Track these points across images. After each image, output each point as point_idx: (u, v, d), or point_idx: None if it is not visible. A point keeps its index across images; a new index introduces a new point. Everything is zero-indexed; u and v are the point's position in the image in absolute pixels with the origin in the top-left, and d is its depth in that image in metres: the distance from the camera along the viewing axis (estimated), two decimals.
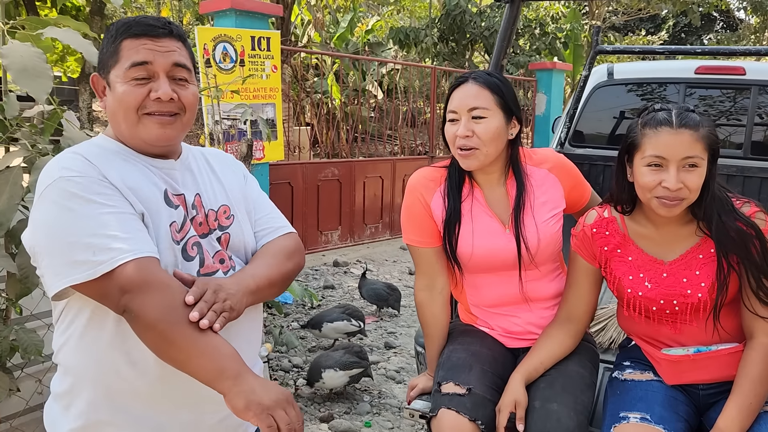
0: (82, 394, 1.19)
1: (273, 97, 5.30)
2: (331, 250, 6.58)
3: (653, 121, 1.48)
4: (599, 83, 3.95)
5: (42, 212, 1.11)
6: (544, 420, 1.53)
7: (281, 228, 1.42)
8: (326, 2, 12.53)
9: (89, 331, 1.17)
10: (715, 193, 1.50)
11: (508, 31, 2.16)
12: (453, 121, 1.69)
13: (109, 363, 1.17)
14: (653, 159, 1.46)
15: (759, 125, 3.65)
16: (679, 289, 1.53)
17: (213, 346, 1.09)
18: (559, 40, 12.64)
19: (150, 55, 1.18)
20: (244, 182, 1.43)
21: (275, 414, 1.05)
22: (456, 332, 1.87)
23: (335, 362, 3.12)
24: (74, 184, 1.10)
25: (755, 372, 1.47)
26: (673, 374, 1.59)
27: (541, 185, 1.75)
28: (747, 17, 19.20)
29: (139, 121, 1.20)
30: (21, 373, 2.24)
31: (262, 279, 1.27)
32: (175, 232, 1.21)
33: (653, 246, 1.59)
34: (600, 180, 3.86)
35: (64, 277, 1.08)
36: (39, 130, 2.05)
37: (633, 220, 1.62)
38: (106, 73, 1.21)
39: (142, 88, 1.18)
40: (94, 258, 1.07)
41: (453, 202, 1.74)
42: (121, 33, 1.19)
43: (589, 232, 1.65)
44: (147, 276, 1.09)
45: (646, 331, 1.64)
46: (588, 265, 1.68)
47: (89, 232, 1.08)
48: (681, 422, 1.52)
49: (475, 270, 1.77)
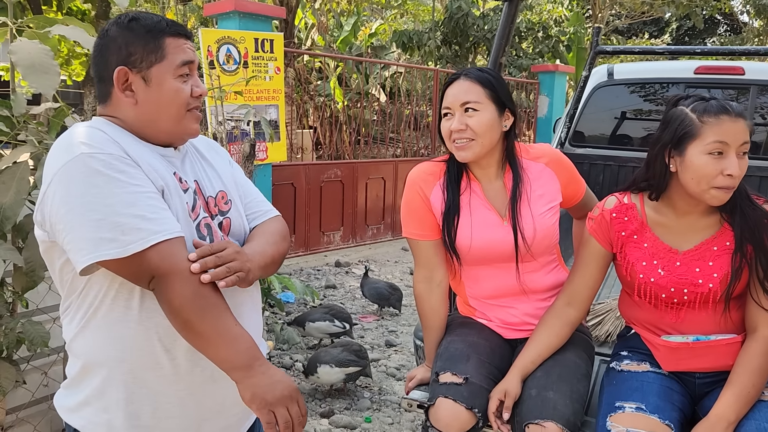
0: (100, 374, 1.20)
1: (276, 98, 5.35)
2: (333, 250, 6.62)
3: (712, 108, 1.48)
4: (599, 83, 3.97)
5: (64, 187, 1.10)
6: (540, 407, 1.55)
7: (270, 211, 1.48)
8: (330, 6, 12.59)
9: (113, 310, 1.18)
10: (742, 184, 1.53)
11: (507, 29, 2.19)
12: (447, 116, 1.73)
13: (133, 342, 1.18)
14: (717, 146, 1.46)
15: (758, 125, 3.67)
16: (691, 278, 1.57)
17: (233, 335, 1.13)
18: (563, 43, 12.66)
19: (192, 55, 1.26)
20: (231, 168, 1.47)
21: (276, 411, 1.11)
22: (454, 324, 1.90)
23: (332, 358, 3.14)
24: (97, 161, 1.10)
25: (755, 363, 1.49)
26: (670, 361, 1.63)
27: (538, 179, 1.78)
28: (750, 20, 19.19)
29: (185, 116, 1.25)
30: (27, 366, 2.27)
31: (266, 256, 1.32)
32: (190, 212, 1.24)
33: (670, 235, 1.62)
34: (600, 180, 3.88)
35: (90, 252, 1.08)
36: (45, 127, 2.10)
37: (653, 208, 1.64)
38: (146, 68, 1.20)
39: (187, 85, 1.25)
40: (123, 237, 1.08)
41: (452, 195, 1.77)
42: (160, 30, 1.21)
43: (608, 217, 1.68)
44: (173, 260, 1.12)
45: (649, 318, 1.67)
46: (601, 248, 1.70)
47: (116, 211, 1.09)
48: (676, 411, 1.55)
49: (473, 262, 1.80)
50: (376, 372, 3.70)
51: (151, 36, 1.21)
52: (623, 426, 1.49)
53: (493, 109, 1.70)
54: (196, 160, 1.37)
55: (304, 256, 6.29)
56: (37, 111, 2.08)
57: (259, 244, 1.34)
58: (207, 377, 1.24)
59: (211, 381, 1.25)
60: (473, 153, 1.70)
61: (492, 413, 1.61)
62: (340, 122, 8.11)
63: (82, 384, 1.23)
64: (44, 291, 2.28)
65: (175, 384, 1.22)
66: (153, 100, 1.22)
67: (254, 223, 1.43)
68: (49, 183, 1.12)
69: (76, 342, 1.22)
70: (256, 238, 1.37)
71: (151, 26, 1.21)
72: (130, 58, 1.21)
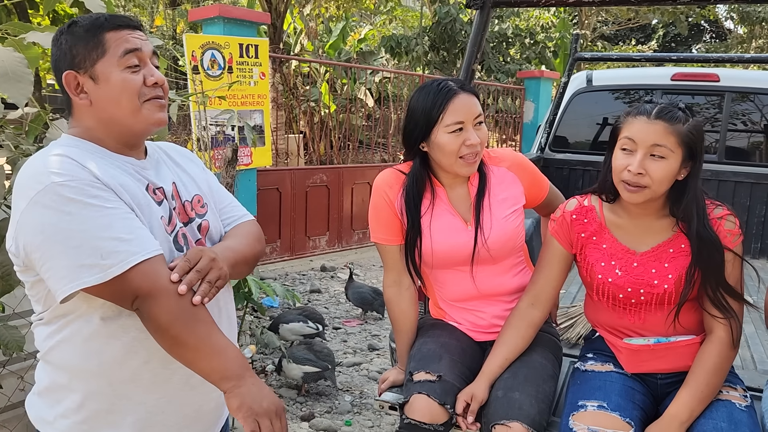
0: (79, 388, 1.20)
1: (261, 103, 5.37)
2: (319, 255, 6.63)
3: (636, 110, 1.57)
4: (579, 89, 4.03)
5: (37, 217, 1.09)
6: (506, 408, 1.58)
7: (245, 216, 1.49)
8: (319, 11, 12.62)
9: (99, 329, 1.17)
10: (699, 195, 1.56)
11: (479, 36, 2.23)
12: (461, 130, 1.69)
13: (111, 355, 1.18)
14: (625, 141, 1.55)
15: (732, 131, 3.74)
16: (647, 279, 1.61)
17: (221, 347, 1.15)
18: (549, 49, 12.77)
19: (138, 42, 1.22)
20: (205, 174, 1.48)
21: (261, 421, 1.13)
22: (426, 326, 1.93)
23: (291, 354, 3.27)
24: (69, 189, 1.09)
25: (711, 363, 1.54)
26: (633, 363, 1.66)
27: (500, 183, 1.82)
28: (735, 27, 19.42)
29: (141, 107, 1.22)
30: (3, 370, 2.27)
31: (239, 255, 1.33)
32: (166, 226, 1.24)
33: (627, 236, 1.66)
34: (579, 184, 3.94)
35: (72, 280, 1.08)
36: (23, 131, 2.10)
37: (611, 210, 1.69)
38: (90, 67, 1.20)
39: (138, 75, 1.21)
40: (103, 261, 1.08)
41: (411, 215, 1.79)
42: (97, 27, 1.20)
43: (568, 218, 1.72)
44: (156, 279, 1.12)
45: (611, 320, 1.71)
46: (562, 249, 1.74)
47: (93, 235, 1.08)
48: (637, 410, 1.58)
49: (438, 266, 1.83)
50: (358, 375, 3.73)
51: (91, 34, 1.20)
52: (585, 424, 1.52)
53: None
54: (171, 166, 1.38)
55: (289, 260, 6.29)
56: (14, 116, 2.09)
57: (232, 242, 1.36)
58: (184, 384, 1.26)
59: (189, 388, 1.27)
60: (476, 166, 1.76)
61: (458, 414, 1.65)
62: (328, 127, 8.14)
63: (59, 395, 1.22)
64: (21, 295, 2.28)
65: (154, 393, 1.23)
66: (104, 96, 1.20)
67: (228, 228, 1.44)
68: (21, 212, 1.10)
69: (52, 354, 1.22)
70: (231, 238, 1.39)
71: (89, 25, 1.21)
72: (75, 60, 1.20)
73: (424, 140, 1.74)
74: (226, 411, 1.43)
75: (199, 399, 1.29)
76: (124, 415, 1.21)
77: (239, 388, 1.12)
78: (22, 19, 8.58)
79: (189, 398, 1.28)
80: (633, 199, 1.56)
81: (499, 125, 10.09)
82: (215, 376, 1.14)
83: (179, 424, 1.28)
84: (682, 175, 1.55)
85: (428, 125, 1.71)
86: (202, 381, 1.17)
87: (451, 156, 1.70)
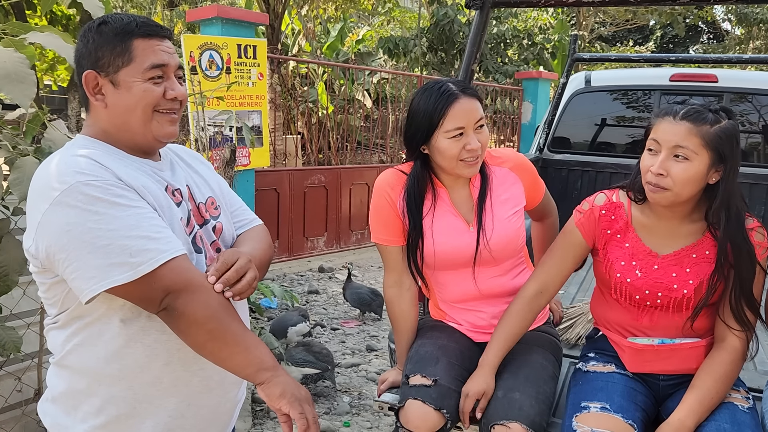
0: (98, 392, 1.19)
1: (259, 104, 5.36)
2: (317, 256, 6.62)
3: (664, 110, 1.53)
4: (577, 90, 4.02)
5: (62, 217, 1.08)
6: (506, 408, 1.58)
7: (254, 220, 1.50)
8: (317, 12, 12.62)
9: (119, 332, 1.17)
10: (732, 201, 1.51)
11: (478, 36, 2.22)
12: (461, 135, 1.68)
13: (133, 358, 1.18)
14: (651, 142, 1.53)
15: None
16: (667, 283, 1.58)
17: (255, 340, 1.17)
18: (547, 50, 12.79)
19: (165, 57, 1.22)
20: (215, 176, 1.48)
21: (304, 406, 1.16)
22: (425, 328, 1.92)
23: (289, 357, 3.27)
24: (94, 188, 1.09)
25: (720, 371, 1.52)
26: (636, 362, 1.65)
27: (502, 183, 1.81)
28: (732, 28, 19.47)
29: (152, 117, 1.22)
30: (0, 371, 2.26)
31: (261, 260, 1.35)
32: (185, 227, 1.25)
33: (652, 237, 1.63)
34: (578, 185, 3.93)
35: (101, 280, 1.07)
36: (21, 132, 2.09)
37: (639, 209, 1.66)
38: (113, 72, 1.19)
39: (159, 87, 1.21)
40: (132, 259, 1.08)
41: (413, 216, 1.77)
42: (128, 33, 1.19)
43: (597, 213, 1.69)
44: (188, 275, 1.13)
45: (621, 319, 1.70)
46: (583, 242, 1.70)
47: (121, 234, 1.08)
48: (639, 412, 1.57)
49: (440, 267, 1.82)
50: (356, 377, 3.72)
51: (119, 39, 1.19)
52: (588, 426, 1.51)
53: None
54: (184, 168, 1.38)
55: (287, 261, 6.29)
56: (11, 116, 2.08)
57: (250, 246, 1.37)
58: (203, 386, 1.26)
59: (207, 390, 1.27)
60: (478, 167, 1.75)
61: (467, 411, 1.63)
62: (326, 128, 8.14)
63: (76, 400, 1.21)
64: (18, 296, 2.27)
65: (174, 395, 1.23)
66: (122, 103, 1.20)
67: (239, 232, 1.45)
68: (44, 212, 1.09)
69: (69, 359, 1.20)
70: (247, 242, 1.39)
71: (120, 29, 1.19)
72: (99, 62, 1.19)
73: (425, 143, 1.73)
74: (236, 412, 1.44)
75: (216, 400, 1.30)
76: (144, 418, 1.21)
77: (277, 377, 1.16)
78: (20, 20, 8.58)
79: (207, 400, 1.28)
80: (656, 200, 1.54)
81: (497, 126, 10.11)
82: (251, 369, 1.15)
83: (196, 426, 1.28)
84: (714, 179, 1.51)
85: (429, 129, 1.69)
86: (219, 382, 1.19)
87: (451, 160, 1.70)
